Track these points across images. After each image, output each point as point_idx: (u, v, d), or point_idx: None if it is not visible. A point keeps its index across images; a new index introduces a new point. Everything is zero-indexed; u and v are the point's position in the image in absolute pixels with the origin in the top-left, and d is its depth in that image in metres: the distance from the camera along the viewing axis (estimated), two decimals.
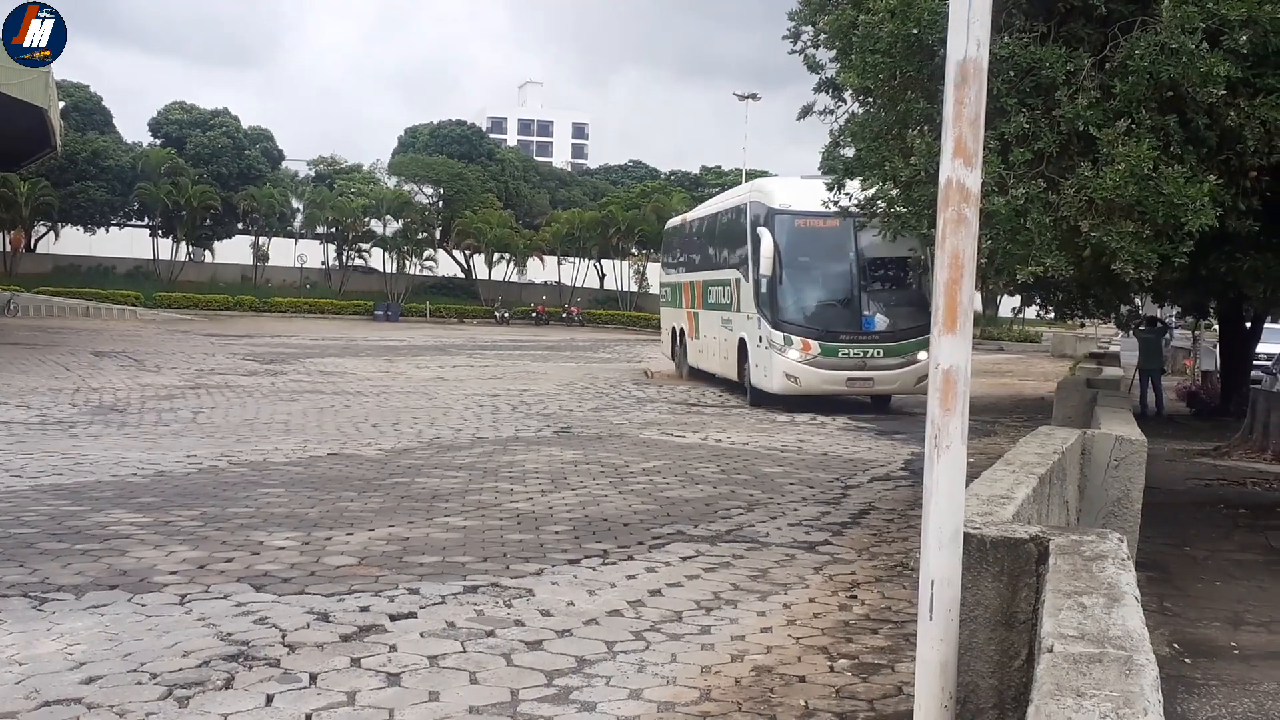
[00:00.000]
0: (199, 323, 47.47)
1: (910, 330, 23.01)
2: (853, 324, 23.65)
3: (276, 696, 6.29)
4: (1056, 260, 8.98)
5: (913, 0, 9.02)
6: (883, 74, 9.57)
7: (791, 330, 23.41)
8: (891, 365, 23.52)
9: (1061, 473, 7.96)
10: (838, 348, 23.42)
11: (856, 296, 23.94)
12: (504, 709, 6.24)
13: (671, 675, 6.88)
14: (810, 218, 22.91)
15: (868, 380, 23.72)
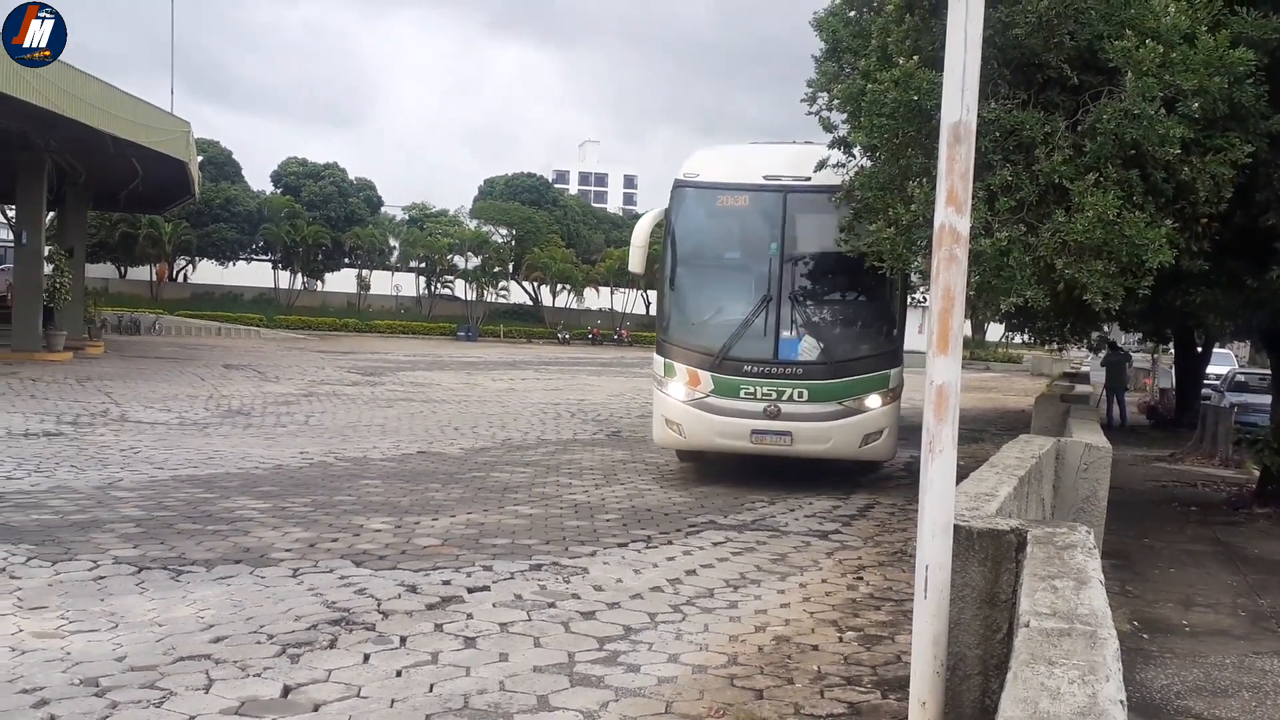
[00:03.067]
0: (311, 341, 47.82)
1: (856, 362, 12.77)
2: (764, 348, 12.75)
3: (372, 655, 6.32)
4: (1035, 293, 8.94)
5: (913, 72, 9.01)
6: (887, 134, 9.55)
7: (676, 355, 13.02)
8: (821, 415, 12.48)
9: (1039, 474, 7.90)
10: (739, 383, 12.55)
11: (774, 304, 12.79)
12: (563, 669, 6.24)
13: (704, 642, 6.86)
14: (727, 192, 13.38)
15: (783, 436, 12.48)
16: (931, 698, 4.57)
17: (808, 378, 12.40)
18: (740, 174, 13.24)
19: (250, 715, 5.36)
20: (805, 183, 12.53)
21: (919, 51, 9.25)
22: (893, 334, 13.08)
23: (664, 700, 5.81)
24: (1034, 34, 8.99)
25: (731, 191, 13.27)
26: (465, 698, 5.71)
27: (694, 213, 13.42)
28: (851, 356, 12.71)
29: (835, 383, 12.38)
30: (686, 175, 13.44)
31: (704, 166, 13.57)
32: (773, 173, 12.93)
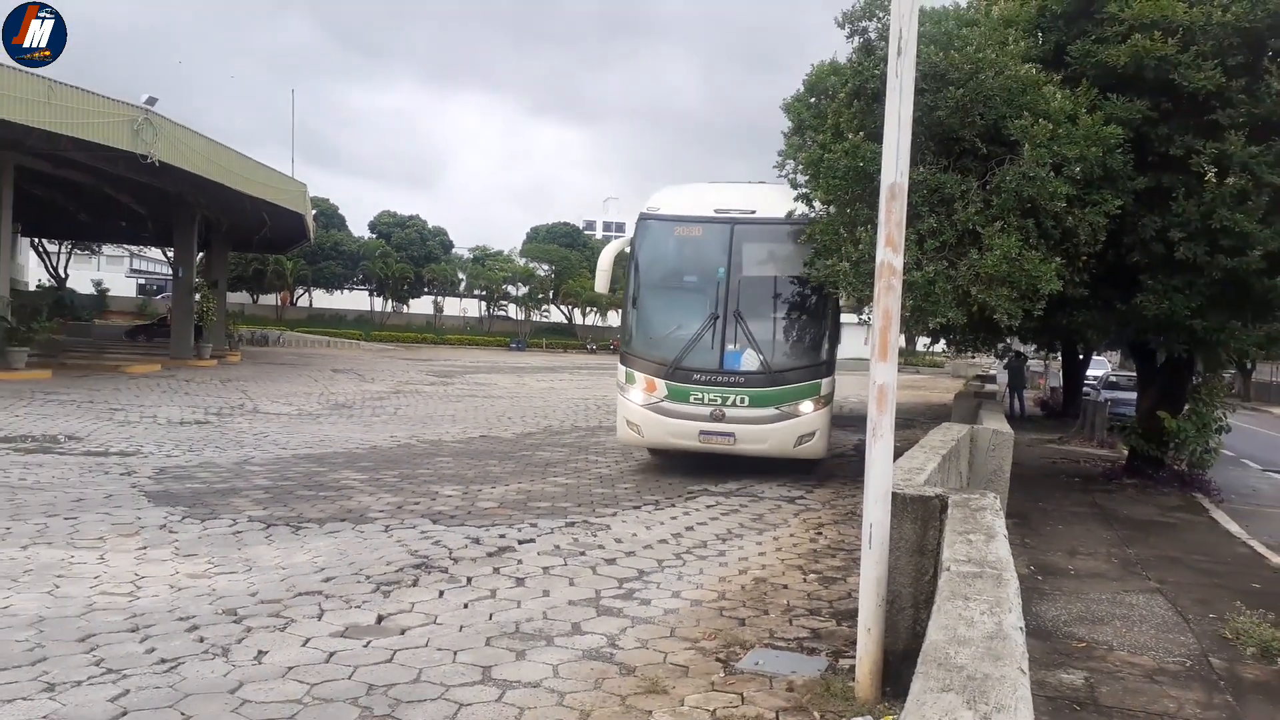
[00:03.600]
0: (398, 351, 47.87)
1: (791, 372, 11.62)
2: (711, 358, 11.75)
3: (446, 592, 6.32)
4: (955, 314, 8.94)
5: (859, 144, 9.01)
6: (839, 191, 9.55)
7: (637, 364, 12.00)
8: (760, 418, 11.45)
9: (957, 453, 7.87)
10: (689, 390, 11.63)
11: (720, 322, 11.82)
12: (591, 602, 6.23)
13: (700, 583, 6.84)
14: (682, 224, 12.32)
15: (726, 436, 11.48)
16: (875, 625, 4.56)
17: (749, 385, 11.28)
18: (695, 208, 12.15)
19: (353, 637, 5.37)
20: (750, 215, 11.81)
21: (864, 128, 9.25)
22: (824, 348, 11.66)
23: (669, 627, 5.80)
24: (953, 115, 9.00)
25: (686, 223, 12.13)
26: (517, 624, 5.70)
27: (654, 241, 12.23)
28: (787, 367, 11.40)
29: (773, 390, 11.26)
30: (649, 209, 12.34)
31: (665, 201, 12.50)
32: (722, 206, 11.93)
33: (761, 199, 12.06)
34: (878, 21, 9.81)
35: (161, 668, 4.77)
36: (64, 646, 5.02)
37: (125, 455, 11.52)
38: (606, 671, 4.99)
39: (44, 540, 7.26)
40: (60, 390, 18.87)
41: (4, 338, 21.76)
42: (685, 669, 5.08)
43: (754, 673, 5.06)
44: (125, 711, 4.26)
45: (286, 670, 4.82)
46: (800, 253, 11.26)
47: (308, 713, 4.33)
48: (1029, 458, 15.62)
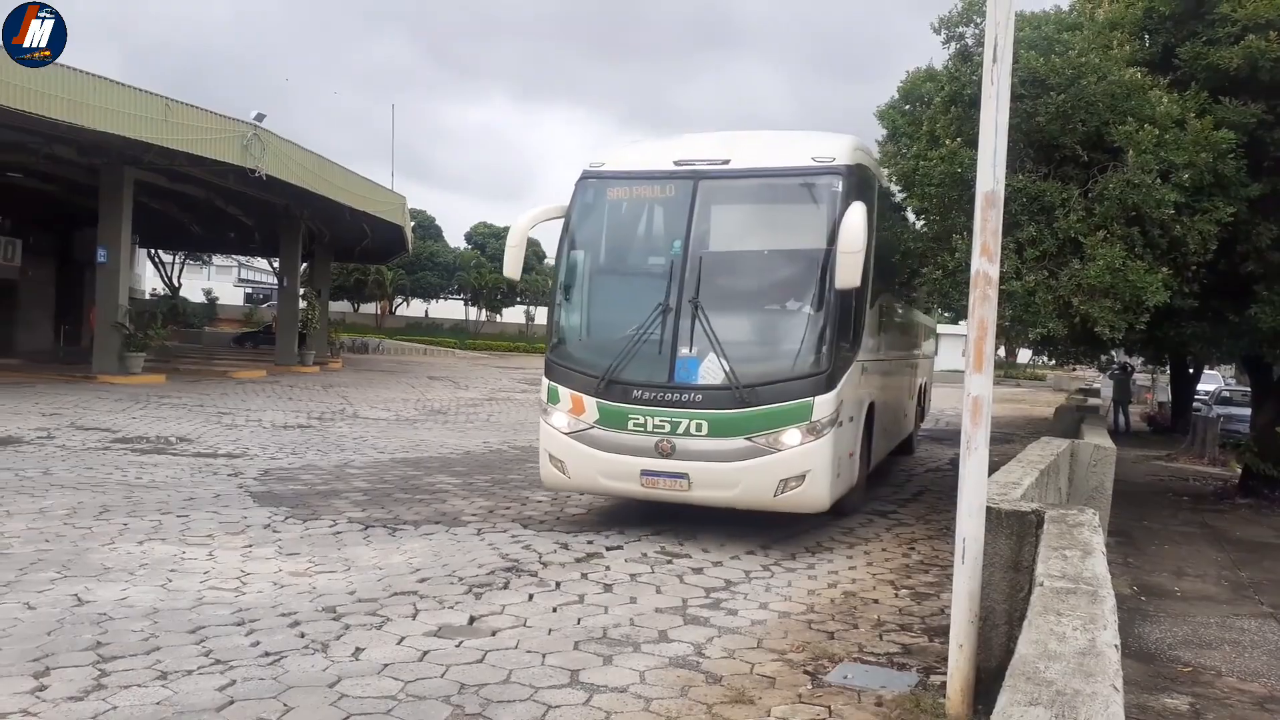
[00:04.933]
0: (492, 359, 48.70)
1: (771, 387, 7.89)
2: (657, 368, 8.09)
3: (535, 595, 6.42)
4: (1055, 325, 8.71)
5: (956, 151, 8.86)
6: (935, 199, 9.40)
7: (561, 376, 8.55)
8: (724, 453, 7.84)
9: (1056, 468, 7.66)
10: (626, 412, 8.07)
11: (672, 317, 8.11)
12: (678, 610, 6.26)
13: (788, 595, 6.80)
14: (631, 182, 8.84)
15: (677, 479, 7.91)
16: (967, 641, 4.48)
17: (708, 406, 7.78)
18: (651, 161, 8.85)
19: (445, 637, 5.51)
20: (721, 166, 8.42)
21: (960, 135, 9.09)
22: (824, 352, 7.92)
23: (756, 637, 5.79)
24: (1053, 122, 8.78)
25: (637, 181, 8.73)
26: (604, 629, 5.76)
27: (594, 208, 8.83)
28: (765, 380, 7.82)
29: (742, 413, 7.70)
30: (592, 166, 8.91)
31: (615, 156, 9.12)
32: (685, 157, 8.55)
33: (743, 144, 8.98)
34: (975, 27, 9.65)
35: (265, 660, 4.98)
36: (176, 637, 5.28)
37: (233, 457, 12.01)
38: (693, 679, 5.02)
39: (158, 536, 7.64)
40: (173, 394, 19.77)
41: (123, 344, 22.90)
42: (772, 680, 5.07)
43: (842, 686, 5.02)
44: (232, 701, 4.46)
45: (382, 667, 4.98)
46: (799, 216, 8.41)
47: (402, 709, 4.47)
48: (1134, 474, 15.08)
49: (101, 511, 8.45)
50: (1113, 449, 9.13)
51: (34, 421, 14.49)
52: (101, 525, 7.93)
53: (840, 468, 8.29)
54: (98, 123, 18.57)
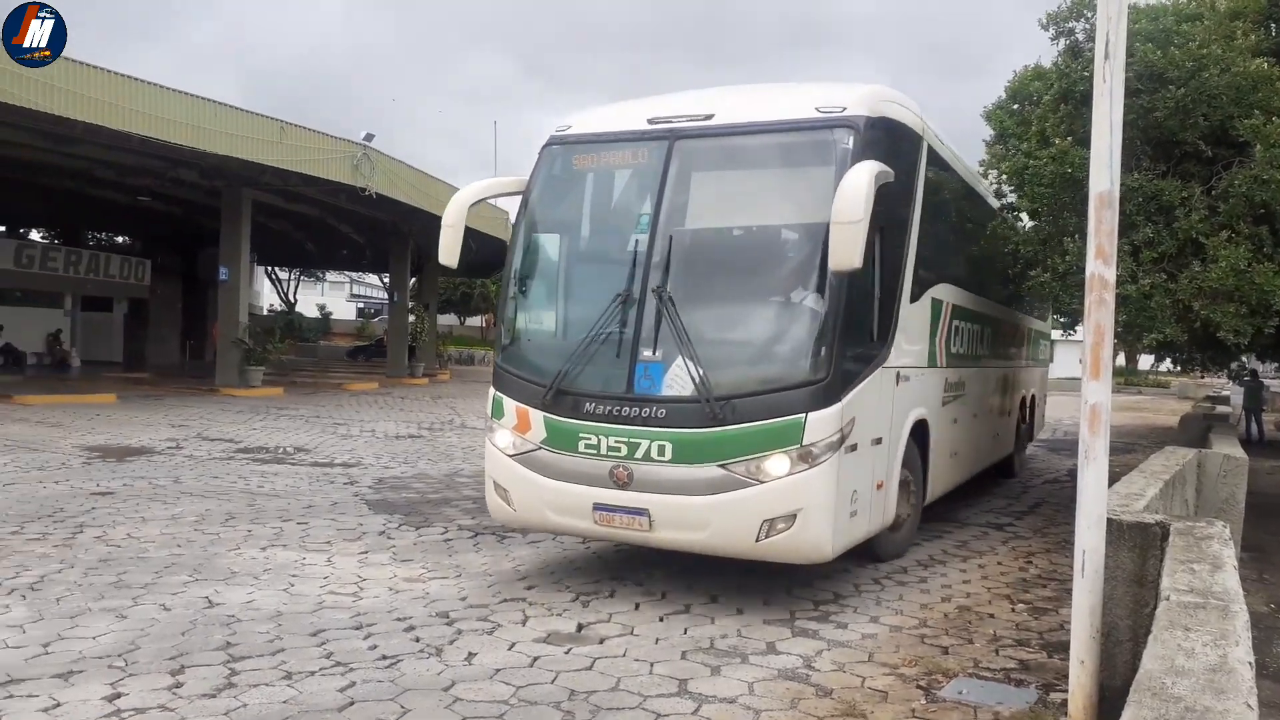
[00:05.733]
0: None
1: (750, 401, 6.01)
2: (614, 376, 6.35)
3: (641, 604, 6.46)
4: (1174, 330, 8.40)
5: (1067, 150, 8.62)
6: (1046, 200, 9.16)
7: (508, 386, 6.92)
8: (692, 484, 6.02)
9: (1182, 479, 7.35)
10: (576, 430, 6.36)
11: (635, 311, 6.36)
12: (785, 622, 6.22)
13: (899, 609, 6.68)
14: (598, 147, 7.09)
15: (635, 515, 6.17)
16: (1089, 657, 4.35)
17: (673, 424, 6.11)
18: (623, 121, 7.17)
19: (554, 644, 5.60)
20: (703, 123, 6.74)
21: (1072, 133, 8.84)
22: (822, 355, 6.10)
23: (867, 651, 5.71)
24: (1172, 117, 8.45)
25: (604, 146, 7.10)
26: (711, 640, 5.77)
27: (557, 179, 7.34)
28: (744, 391, 6.09)
29: (715, 434, 6.00)
30: (559, 131, 7.35)
31: (584, 118, 7.50)
32: (661, 115, 6.91)
33: (733, 98, 7.17)
34: (1085, 22, 9.37)
35: (383, 663, 5.16)
36: (298, 640, 5.50)
37: (348, 466, 12.44)
38: (802, 692, 4.99)
39: (280, 543, 7.98)
40: (290, 406, 20.59)
41: (243, 358, 23.99)
42: (884, 694, 5.00)
43: (957, 702, 4.92)
44: (352, 702, 4.63)
45: (494, 672, 5.09)
46: (797, 182, 6.66)
47: (514, 713, 4.57)
48: (1270, 487, 14.30)
49: (227, 518, 8.87)
50: (1244, 459, 8.72)
51: (164, 433, 15.29)
52: (228, 531, 8.32)
53: (857, 503, 6.45)
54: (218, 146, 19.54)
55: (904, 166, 7.00)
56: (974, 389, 10.15)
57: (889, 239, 6.86)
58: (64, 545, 7.65)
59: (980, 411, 10.60)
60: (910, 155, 7.41)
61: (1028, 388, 14.01)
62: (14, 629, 5.55)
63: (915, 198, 7.50)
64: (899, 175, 6.57)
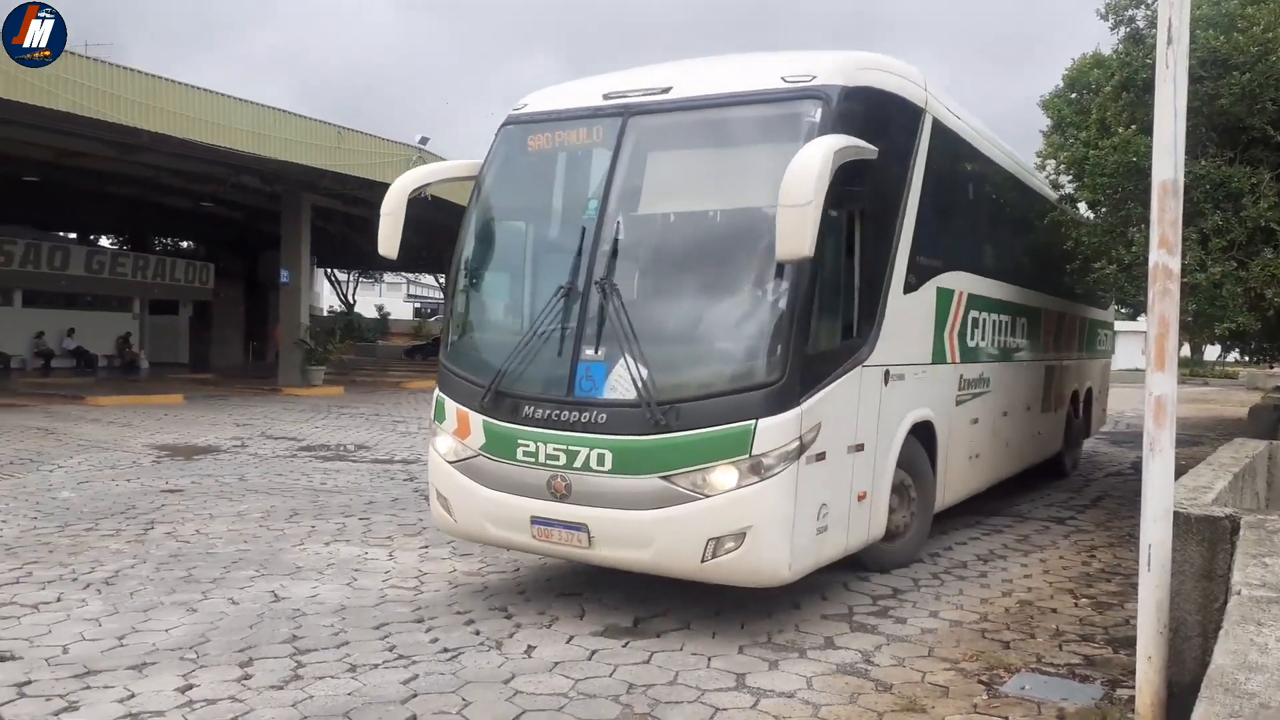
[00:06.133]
0: None
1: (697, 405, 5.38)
2: (555, 376, 5.77)
3: (699, 597, 6.44)
4: (1245, 319, 8.15)
5: (1130, 139, 8.43)
6: (1108, 190, 8.96)
7: (450, 386, 6.33)
8: (633, 497, 5.41)
9: (1252, 472, 7.14)
10: (514, 436, 5.78)
11: (578, 304, 5.77)
12: (844, 617, 6.18)
13: (959, 603, 6.60)
14: (552, 126, 6.45)
15: (574, 530, 5.60)
16: (1156, 653, 4.26)
17: (613, 430, 5.53)
18: (579, 98, 6.56)
19: (611, 637, 5.62)
20: (660, 97, 6.13)
21: (1135, 121, 8.64)
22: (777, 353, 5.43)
23: (927, 646, 5.66)
24: (1238, 103, 8.21)
25: (558, 124, 6.50)
26: (768, 634, 5.75)
27: (508, 164, 6.77)
28: (689, 394, 5.48)
29: (657, 441, 5.41)
30: (515, 110, 6.83)
31: (541, 96, 6.86)
32: (617, 90, 6.32)
33: (695, 70, 6.57)
34: (1145, 9, 9.15)
35: (444, 656, 5.23)
36: (362, 633, 5.61)
37: (407, 463, 12.62)
38: (862, 687, 4.96)
39: (343, 538, 8.13)
40: (351, 405, 20.94)
41: (304, 358, 24.47)
42: (945, 689, 4.95)
43: (1020, 697, 4.85)
44: (415, 694, 4.71)
45: (553, 665, 5.14)
46: (757, 161, 5.92)
47: (574, 705, 4.60)
48: None
49: (292, 514, 9.06)
50: None
51: (230, 431, 15.66)
52: (292, 527, 8.50)
53: (827, 518, 5.77)
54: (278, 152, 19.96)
55: (895, 142, 6.55)
56: (1004, 385, 9.37)
57: (872, 223, 6.22)
58: (136, 541, 7.88)
59: (1013, 409, 9.83)
60: (904, 130, 6.82)
61: (1081, 381, 13.13)
62: (90, 622, 5.73)
63: (912, 177, 6.84)
64: (886, 152, 6.10)
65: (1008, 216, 10.03)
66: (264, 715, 4.41)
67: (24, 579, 6.67)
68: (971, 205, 8.93)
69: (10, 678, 4.79)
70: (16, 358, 30.28)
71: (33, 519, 8.71)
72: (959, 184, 8.50)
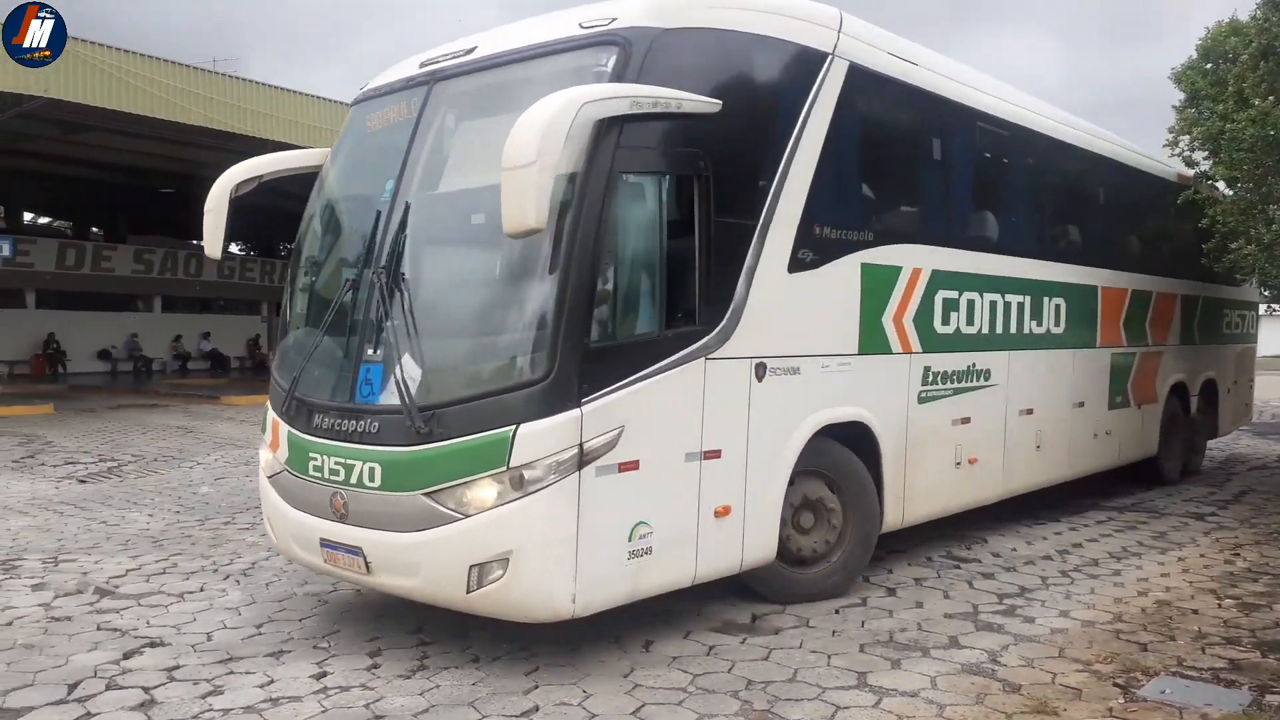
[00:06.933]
0: None
1: (459, 411, 4.69)
2: (340, 380, 5.27)
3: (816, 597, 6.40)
4: None
5: (1269, 110, 7.96)
6: (1247, 165, 8.49)
7: (272, 394, 5.82)
8: (401, 517, 4.77)
9: None
10: (307, 447, 5.23)
11: (365, 299, 5.19)
12: (968, 616, 6.02)
13: (1091, 603, 6.36)
14: (378, 103, 5.98)
15: (354, 554, 4.97)
16: None
17: (384, 441, 4.93)
18: (400, 71, 6.08)
19: (729, 633, 5.61)
20: (463, 59, 5.62)
21: (1273, 93, 8.16)
22: (546, 347, 4.65)
23: (1057, 646, 5.46)
24: None
25: (381, 101, 6.03)
26: (890, 634, 5.65)
27: (342, 148, 6.35)
28: (453, 397, 4.85)
29: (420, 453, 4.78)
30: (361, 89, 6.40)
31: (385, 72, 6.34)
32: (430, 56, 5.88)
33: (509, 29, 5.82)
34: None
35: (564, 648, 5.30)
36: (484, 624, 5.68)
37: None
38: (988, 687, 4.82)
39: None
40: None
41: None
42: (1077, 691, 4.77)
43: (1159, 702, 4.64)
44: (536, 685, 4.79)
45: (671, 659, 5.16)
46: None
47: (693, 700, 4.61)
48: None
49: None
50: None
51: None
52: None
53: (648, 540, 4.98)
54: None
55: (763, 93, 5.76)
56: (1022, 378, 8.10)
57: (720, 190, 5.27)
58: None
59: (1047, 406, 8.50)
60: (784, 78, 5.88)
61: (1192, 372, 11.42)
62: (231, 611, 6.03)
63: (802, 135, 5.85)
64: (746, 105, 5.47)
65: (1026, 181, 8.51)
66: (394, 703, 4.56)
67: (170, 569, 7.06)
68: (943, 167, 7.37)
69: (160, 663, 5.07)
70: (157, 360, 32.08)
71: (176, 513, 9.21)
72: (913, 143, 7.16)
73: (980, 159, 7.89)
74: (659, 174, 5.08)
